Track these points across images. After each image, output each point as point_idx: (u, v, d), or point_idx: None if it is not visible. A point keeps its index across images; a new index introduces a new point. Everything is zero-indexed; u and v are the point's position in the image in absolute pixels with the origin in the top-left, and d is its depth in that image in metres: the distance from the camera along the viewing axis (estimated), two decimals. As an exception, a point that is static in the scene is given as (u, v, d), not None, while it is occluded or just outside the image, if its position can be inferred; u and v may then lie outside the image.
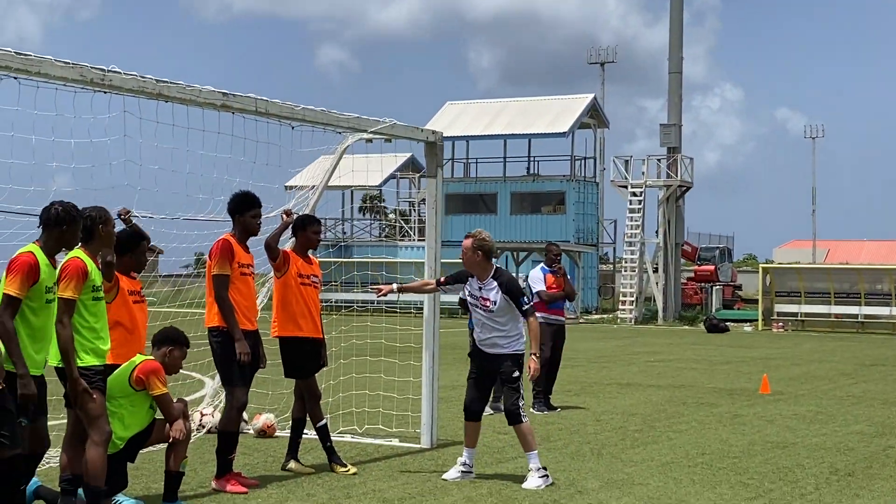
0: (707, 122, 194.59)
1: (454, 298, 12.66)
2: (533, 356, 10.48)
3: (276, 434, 12.72)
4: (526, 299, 10.55)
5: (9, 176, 8.29)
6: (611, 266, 68.86)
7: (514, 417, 10.43)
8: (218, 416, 12.93)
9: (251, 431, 12.93)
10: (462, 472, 10.49)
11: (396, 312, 10.98)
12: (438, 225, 12.37)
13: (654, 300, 53.02)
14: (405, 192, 67.71)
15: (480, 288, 10.54)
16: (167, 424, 8.67)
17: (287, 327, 10.68)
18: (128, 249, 9.08)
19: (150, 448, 9.37)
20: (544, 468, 10.33)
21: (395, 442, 12.45)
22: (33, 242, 7.78)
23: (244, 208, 9.99)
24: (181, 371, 9.21)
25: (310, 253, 10.97)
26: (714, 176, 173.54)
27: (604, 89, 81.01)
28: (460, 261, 10.51)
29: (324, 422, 10.87)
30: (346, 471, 10.62)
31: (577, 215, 58.91)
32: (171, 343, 8.73)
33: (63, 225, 7.77)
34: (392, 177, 64.93)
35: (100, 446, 8.01)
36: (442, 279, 10.98)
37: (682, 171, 53.30)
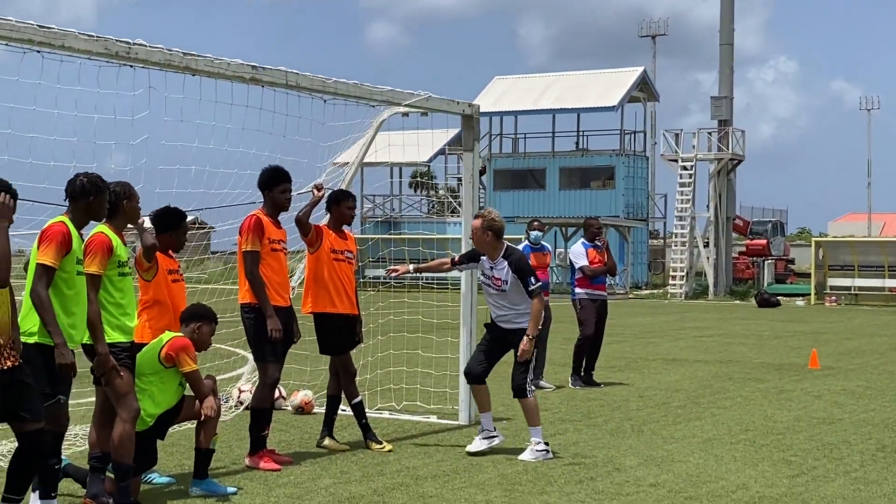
0: (761, 95, 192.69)
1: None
2: (526, 336, 10.41)
3: (313, 411, 12.64)
4: (533, 280, 10.45)
5: (29, 151, 8.20)
6: (661, 241, 68.31)
7: (520, 392, 10.49)
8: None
9: (289, 408, 12.85)
10: (486, 439, 10.49)
11: (433, 288, 10.82)
12: (475, 199, 12.18)
13: (705, 275, 52.53)
14: (454, 168, 67.53)
15: (492, 267, 10.52)
16: (196, 401, 8.59)
17: (320, 303, 10.57)
18: (168, 228, 9.00)
19: (182, 425, 9.32)
20: (546, 444, 10.36)
21: (433, 419, 12.33)
22: (62, 215, 7.69)
23: (273, 183, 9.86)
24: (224, 347, 9.13)
25: (345, 228, 10.83)
26: (768, 149, 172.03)
27: (655, 63, 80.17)
28: (511, 237, 10.46)
29: (359, 399, 10.76)
30: (382, 448, 10.51)
31: (626, 190, 58.52)
32: (199, 319, 8.64)
33: (89, 196, 7.67)
34: (441, 152, 64.72)
35: (128, 423, 7.93)
36: (456, 258, 10.98)
37: (733, 144, 52.65)
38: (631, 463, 10.02)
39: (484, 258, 10.58)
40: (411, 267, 11.03)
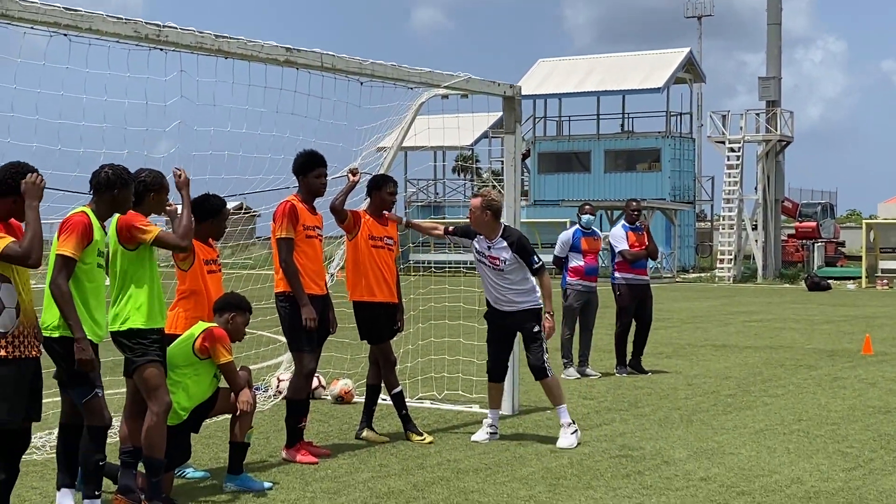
0: (809, 76, 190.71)
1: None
2: (548, 315, 10.32)
3: (353, 400, 12.39)
4: (536, 258, 10.35)
5: (57, 138, 7.95)
6: (708, 224, 67.58)
7: (539, 372, 10.30)
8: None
9: (328, 397, 12.62)
10: (489, 433, 10.39)
11: (476, 273, 10.53)
12: (517, 183, 11.86)
13: (754, 258, 51.90)
14: (497, 151, 67.02)
15: (489, 247, 10.34)
16: (232, 394, 8.34)
17: (358, 291, 10.29)
18: (209, 216, 8.71)
19: (216, 418, 9.09)
20: (573, 421, 10.25)
21: (476, 408, 12.03)
22: (85, 205, 7.44)
23: (308, 168, 9.58)
24: (265, 334, 8.88)
25: (386, 213, 10.54)
26: (817, 130, 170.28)
27: (701, 44, 79.25)
28: (555, 220, 10.16)
29: (399, 389, 10.49)
30: (422, 440, 10.24)
31: (672, 172, 57.87)
32: (233, 309, 8.38)
33: (114, 189, 7.41)
34: (484, 136, 64.25)
35: (159, 417, 7.69)
36: (450, 228, 10.74)
37: (781, 125, 51.90)
38: (680, 455, 9.69)
39: (480, 237, 10.39)
40: (404, 219, 10.82)
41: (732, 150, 51.80)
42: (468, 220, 10.43)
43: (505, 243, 10.25)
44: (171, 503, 7.71)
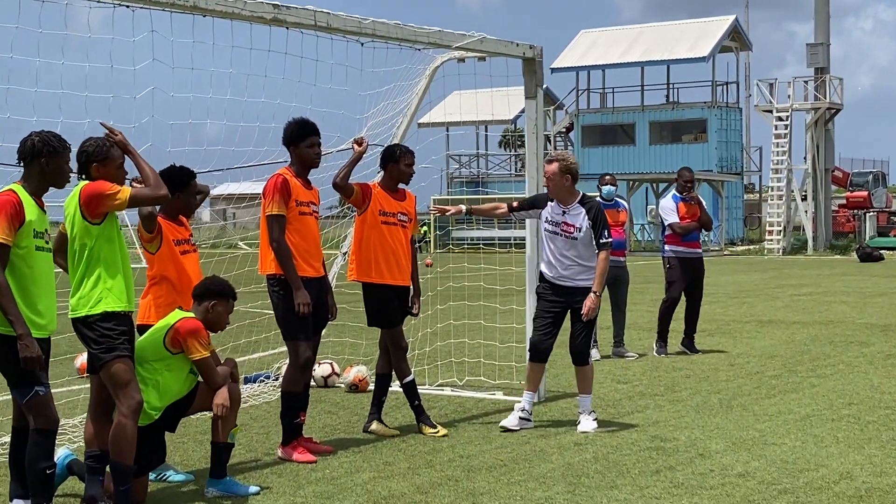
0: (859, 45, 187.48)
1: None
2: (594, 293, 9.63)
3: (368, 389, 11.53)
4: (607, 233, 9.74)
5: (6, 105, 7.11)
6: (756, 195, 66.21)
7: (582, 358, 9.77)
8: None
9: (342, 385, 11.80)
10: (521, 418, 9.66)
11: (496, 250, 9.74)
12: (539, 152, 10.94)
13: (803, 229, 50.75)
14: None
15: (564, 212, 9.67)
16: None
17: (365, 271, 9.43)
18: (176, 189, 7.87)
19: (201, 414, 8.28)
20: (594, 410, 9.86)
21: (499, 395, 11.17)
22: (15, 182, 6.62)
23: (299, 138, 8.68)
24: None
25: (402, 186, 9.66)
26: (868, 99, 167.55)
27: (748, 13, 77.43)
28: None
29: (411, 377, 9.63)
30: (435, 433, 9.38)
31: (719, 143, 56.78)
32: (214, 296, 7.53)
33: (41, 157, 6.56)
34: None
35: (127, 419, 6.87)
36: (515, 203, 10.04)
37: (830, 92, 50.59)
38: (717, 447, 8.77)
39: (552, 204, 9.73)
40: (463, 207, 10.09)
41: (780, 118, 50.57)
42: (524, 196, 9.72)
43: (583, 210, 9.69)
44: (140, 513, 6.89)
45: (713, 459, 8.36)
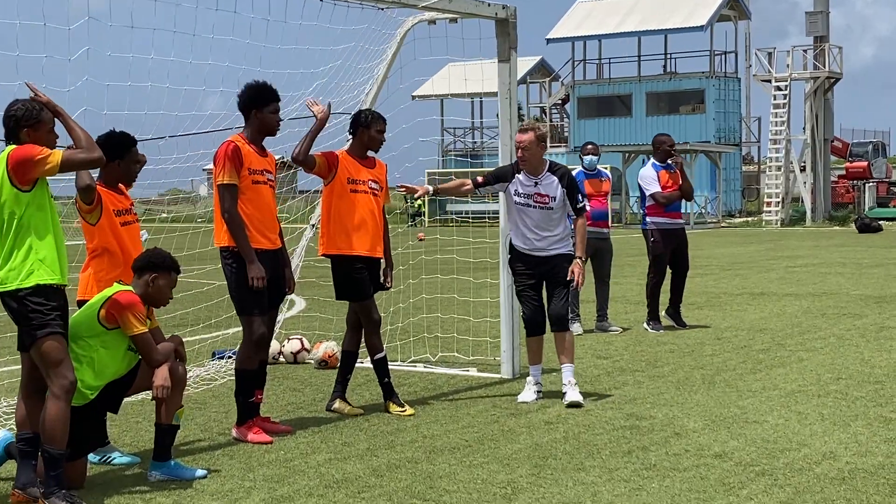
0: (861, 15, 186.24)
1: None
2: (579, 260, 9.43)
3: (338, 365, 11.09)
4: (581, 196, 9.52)
5: None
6: (755, 166, 65.66)
7: (562, 323, 9.48)
8: (275, 345, 11.46)
9: (311, 361, 11.38)
10: (537, 391, 9.49)
11: (469, 223, 9.30)
12: (513, 118, 10.46)
13: (802, 200, 50.27)
14: (535, 98, 65.37)
15: (536, 183, 9.33)
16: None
17: (335, 243, 8.99)
18: (115, 156, 7.43)
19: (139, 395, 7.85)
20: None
21: (473, 372, 10.75)
22: None
23: (261, 102, 8.22)
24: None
25: (371, 154, 9.20)
26: (869, 70, 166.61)
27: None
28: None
29: (382, 354, 9.19)
30: (402, 411, 8.96)
31: (717, 114, 56.26)
32: (155, 269, 7.08)
33: None
34: (522, 81, 62.73)
35: (60, 400, 6.44)
36: (479, 178, 9.64)
37: (830, 61, 50.07)
38: (695, 425, 8.35)
39: (520, 176, 9.39)
40: (430, 188, 9.67)
41: (779, 88, 50.09)
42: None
43: (555, 179, 9.40)
44: (71, 499, 6.45)
45: (689, 439, 7.94)
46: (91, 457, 7.27)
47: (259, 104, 8.22)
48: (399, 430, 8.35)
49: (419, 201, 54.26)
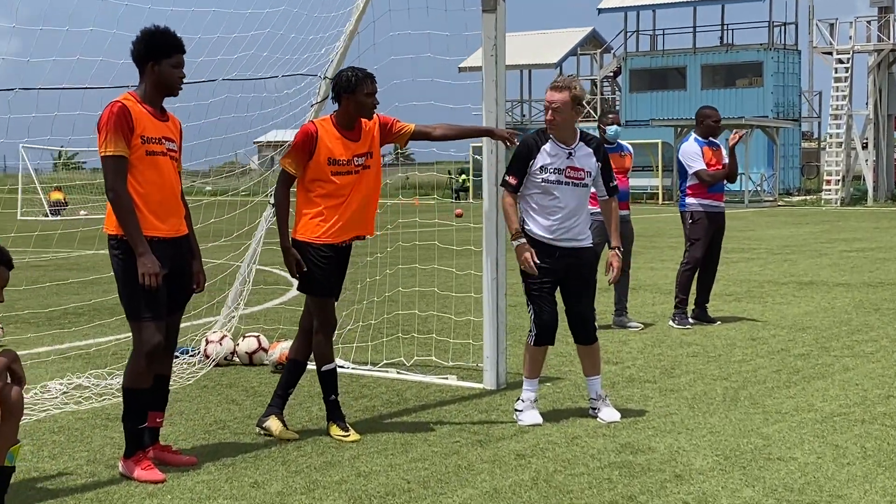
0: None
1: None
2: (616, 251, 7.91)
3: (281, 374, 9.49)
4: (613, 175, 7.95)
5: None
6: (815, 143, 63.31)
7: (592, 333, 7.94)
8: (228, 343, 9.90)
9: (268, 363, 9.79)
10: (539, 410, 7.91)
11: (450, 205, 7.73)
12: (500, 80, 8.76)
13: (864, 179, 48.13)
14: (587, 70, 63.33)
15: (570, 154, 7.68)
16: None
17: (311, 228, 7.34)
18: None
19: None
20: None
21: (452, 381, 9.10)
22: None
23: (163, 53, 6.58)
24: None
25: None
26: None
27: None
28: (646, 141, 7.50)
29: (332, 366, 7.56)
30: (345, 436, 7.32)
31: (775, 87, 54.12)
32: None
33: None
34: (572, 53, 60.86)
35: None
36: (512, 180, 7.75)
37: (894, 33, 47.66)
38: (702, 464, 6.63)
39: (546, 147, 7.68)
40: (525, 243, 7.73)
41: (841, 61, 47.90)
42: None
43: (590, 150, 7.83)
44: None
45: (692, 485, 6.24)
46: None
47: (160, 55, 6.57)
48: (329, 466, 6.70)
49: (463, 176, 52.59)
